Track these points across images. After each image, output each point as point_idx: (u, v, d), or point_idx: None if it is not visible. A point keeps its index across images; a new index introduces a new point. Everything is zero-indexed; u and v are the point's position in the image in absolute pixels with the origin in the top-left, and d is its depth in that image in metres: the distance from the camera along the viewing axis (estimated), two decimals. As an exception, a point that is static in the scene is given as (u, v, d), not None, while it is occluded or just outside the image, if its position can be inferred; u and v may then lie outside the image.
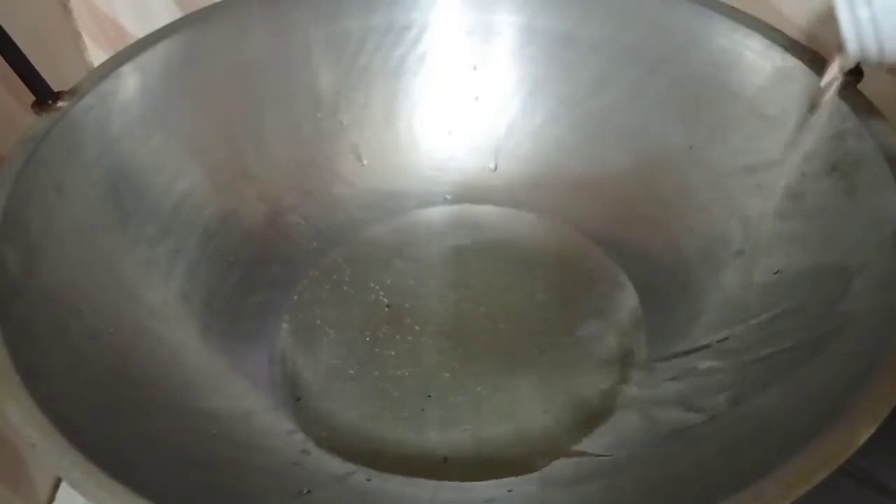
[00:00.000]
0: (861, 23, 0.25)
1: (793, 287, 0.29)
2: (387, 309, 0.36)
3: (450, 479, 0.30)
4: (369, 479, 0.29)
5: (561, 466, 0.30)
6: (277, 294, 0.36)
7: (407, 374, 0.33)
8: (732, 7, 0.33)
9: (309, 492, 0.28)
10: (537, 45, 0.37)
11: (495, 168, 0.39)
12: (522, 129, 0.39)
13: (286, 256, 0.37)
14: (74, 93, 0.30)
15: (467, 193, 0.40)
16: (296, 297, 0.36)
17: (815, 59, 0.30)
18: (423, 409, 0.32)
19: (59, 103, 0.29)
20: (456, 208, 0.39)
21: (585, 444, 0.30)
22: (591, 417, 0.31)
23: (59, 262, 0.27)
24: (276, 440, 0.30)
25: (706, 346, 0.31)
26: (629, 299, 0.35)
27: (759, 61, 0.32)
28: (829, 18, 0.40)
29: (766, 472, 0.20)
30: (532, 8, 0.37)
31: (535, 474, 0.29)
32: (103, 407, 0.25)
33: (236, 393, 0.31)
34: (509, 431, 0.31)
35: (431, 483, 0.30)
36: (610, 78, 0.36)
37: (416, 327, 0.35)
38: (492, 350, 0.34)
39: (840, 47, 0.27)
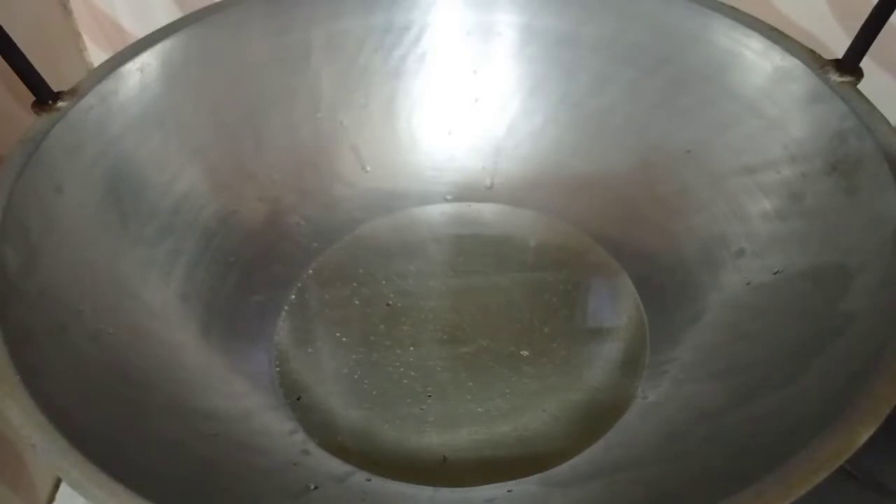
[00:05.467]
0: None
1: (793, 287, 0.29)
2: (387, 308, 0.36)
3: (449, 480, 0.30)
4: (369, 479, 0.29)
5: (561, 467, 0.30)
6: (277, 294, 0.36)
7: (407, 373, 0.33)
8: (732, 7, 0.33)
9: (317, 488, 0.28)
10: (537, 45, 0.37)
11: (491, 185, 0.39)
12: (522, 129, 0.39)
13: (286, 256, 0.37)
14: (74, 93, 0.30)
15: (467, 193, 0.40)
16: (296, 297, 0.36)
17: (815, 59, 0.30)
18: (422, 409, 0.32)
19: (59, 103, 0.29)
20: (456, 208, 0.39)
21: (585, 445, 0.30)
22: (592, 417, 0.31)
23: (59, 262, 0.27)
24: (276, 440, 0.30)
25: (706, 347, 0.31)
26: (630, 299, 0.35)
27: (759, 61, 0.32)
28: (828, 18, 0.40)
29: (767, 472, 0.20)
30: (532, 8, 0.37)
31: (535, 475, 0.29)
32: (103, 407, 0.25)
33: (236, 393, 0.31)
34: (509, 431, 0.31)
35: (431, 483, 0.30)
36: (610, 78, 0.36)
37: (416, 327, 0.35)
38: (492, 349, 0.34)
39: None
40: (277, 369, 0.33)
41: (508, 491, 0.29)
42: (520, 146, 0.39)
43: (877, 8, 0.28)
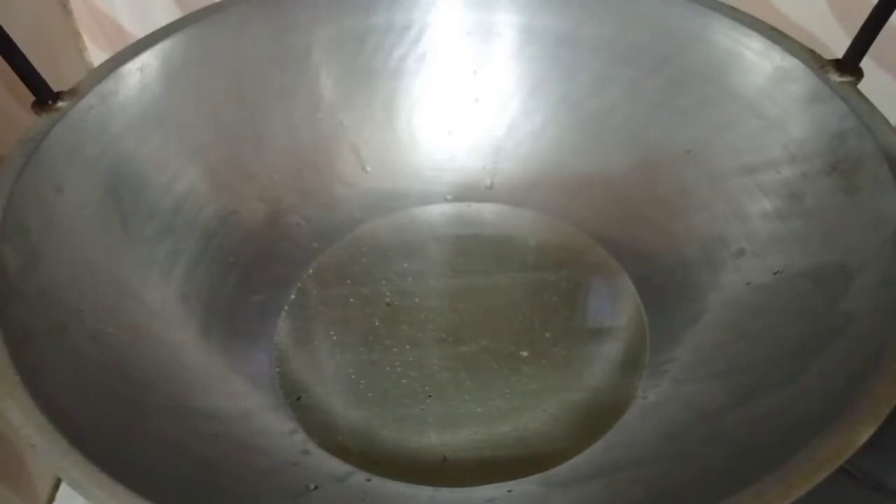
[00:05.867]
0: None
1: (793, 287, 0.29)
2: (387, 308, 0.36)
3: (449, 480, 0.30)
4: (369, 479, 0.29)
5: (561, 467, 0.30)
6: (277, 294, 0.36)
7: (407, 373, 0.33)
8: (732, 7, 0.33)
9: (317, 488, 0.28)
10: (537, 45, 0.37)
11: (491, 185, 0.39)
12: (522, 129, 0.39)
13: (286, 256, 0.37)
14: (74, 93, 0.30)
15: (467, 193, 0.40)
16: (295, 297, 0.36)
17: (815, 59, 0.30)
18: (422, 409, 0.32)
19: (59, 103, 0.29)
20: (456, 208, 0.40)
21: (585, 445, 0.30)
22: (592, 417, 0.31)
23: (59, 262, 0.27)
24: (276, 440, 0.30)
25: (706, 347, 0.31)
26: (630, 299, 0.35)
27: (759, 61, 0.32)
28: (828, 18, 0.40)
29: (767, 472, 0.20)
30: (532, 8, 0.37)
31: (535, 475, 0.29)
32: (103, 407, 0.25)
33: (236, 393, 0.31)
34: (509, 431, 0.31)
35: (431, 483, 0.30)
36: (610, 78, 0.36)
37: (416, 327, 0.35)
38: (492, 349, 0.34)
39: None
40: (277, 369, 0.33)
41: (508, 491, 0.29)
42: (520, 146, 0.39)
43: (877, 8, 0.28)
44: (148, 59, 0.32)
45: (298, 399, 0.32)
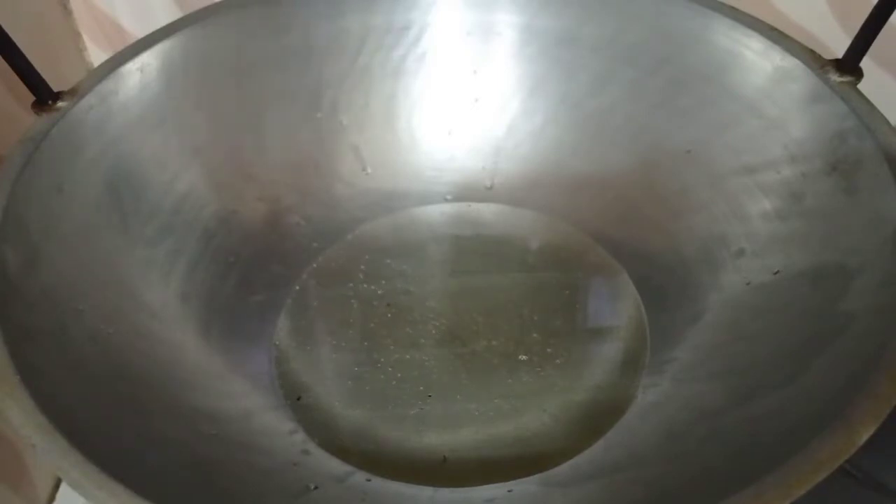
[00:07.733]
0: None
1: (793, 287, 0.29)
2: (387, 308, 0.36)
3: (449, 480, 0.30)
4: (369, 479, 0.29)
5: (561, 467, 0.30)
6: (277, 294, 0.36)
7: (407, 373, 0.33)
8: (732, 7, 0.33)
9: (317, 488, 0.28)
10: (537, 45, 0.37)
11: (491, 185, 0.39)
12: (522, 129, 0.39)
13: (286, 256, 0.37)
14: (74, 93, 0.30)
15: (467, 193, 0.40)
16: (296, 297, 0.36)
17: (815, 59, 0.30)
18: (422, 409, 0.32)
19: (59, 103, 0.29)
20: (456, 208, 0.40)
21: (585, 444, 0.30)
22: (592, 417, 0.31)
23: (59, 262, 0.27)
24: (276, 440, 0.30)
25: (706, 347, 0.31)
26: (630, 299, 0.35)
27: (759, 61, 0.32)
28: (828, 18, 0.40)
29: (766, 472, 0.20)
30: (532, 8, 0.37)
31: (535, 475, 0.29)
32: (103, 407, 0.25)
33: (236, 393, 0.31)
34: (509, 431, 0.31)
35: (431, 483, 0.30)
36: (610, 78, 0.36)
37: (416, 327, 0.35)
38: (492, 349, 0.34)
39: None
40: (277, 369, 0.33)
41: (508, 491, 0.29)
42: (520, 146, 0.39)
43: (877, 8, 0.28)
44: (148, 59, 0.32)
45: (298, 399, 0.32)
